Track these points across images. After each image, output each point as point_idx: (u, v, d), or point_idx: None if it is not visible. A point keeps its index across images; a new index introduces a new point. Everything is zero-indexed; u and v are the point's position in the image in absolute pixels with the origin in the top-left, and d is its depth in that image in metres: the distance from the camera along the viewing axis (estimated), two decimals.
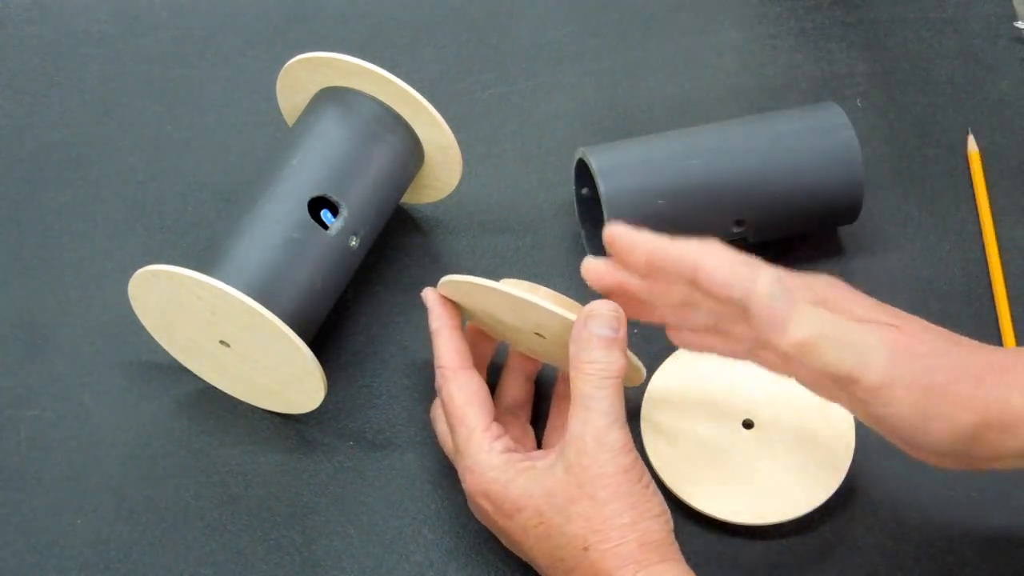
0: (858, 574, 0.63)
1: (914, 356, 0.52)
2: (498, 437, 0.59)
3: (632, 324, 0.59)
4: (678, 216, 0.68)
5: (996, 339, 0.70)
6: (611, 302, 0.58)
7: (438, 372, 0.62)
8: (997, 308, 0.71)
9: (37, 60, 0.85)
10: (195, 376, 0.69)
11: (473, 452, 0.59)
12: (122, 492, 0.66)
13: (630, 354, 0.60)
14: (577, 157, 0.73)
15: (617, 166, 0.69)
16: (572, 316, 0.59)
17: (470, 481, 0.59)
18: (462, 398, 0.60)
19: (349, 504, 0.66)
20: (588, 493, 0.55)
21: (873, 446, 0.67)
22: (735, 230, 0.70)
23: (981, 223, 0.75)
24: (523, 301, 0.59)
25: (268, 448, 0.68)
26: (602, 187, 0.68)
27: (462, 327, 0.64)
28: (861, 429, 0.64)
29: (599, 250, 0.73)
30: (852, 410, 0.55)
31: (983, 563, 0.63)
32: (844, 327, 0.53)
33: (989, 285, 0.73)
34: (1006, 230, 0.75)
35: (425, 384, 0.70)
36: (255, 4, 0.88)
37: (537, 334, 0.62)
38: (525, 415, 0.67)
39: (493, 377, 0.68)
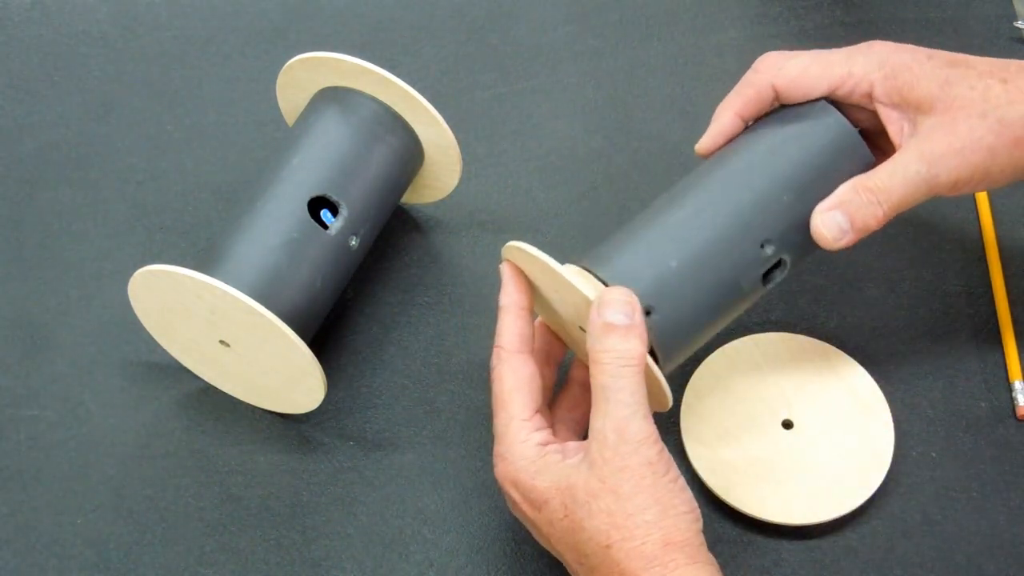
0: None
1: (955, 148, 0.58)
2: (537, 429, 0.58)
3: None
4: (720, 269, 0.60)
5: (996, 339, 0.70)
6: (624, 288, 0.56)
7: (495, 351, 0.60)
8: (997, 308, 0.71)
9: (37, 60, 0.85)
10: (195, 376, 0.69)
11: (509, 440, 0.57)
12: (122, 492, 0.66)
13: (661, 378, 0.57)
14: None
15: (626, 271, 0.59)
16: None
17: (501, 468, 0.58)
18: (511, 382, 0.58)
19: (349, 504, 0.66)
20: (610, 487, 0.54)
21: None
22: (766, 252, 0.61)
23: (981, 223, 0.75)
24: (561, 279, 0.56)
25: (268, 448, 0.68)
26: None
27: (532, 314, 0.61)
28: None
29: None
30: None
31: (995, 568, 0.63)
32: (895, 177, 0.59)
33: (989, 285, 0.73)
34: (1006, 230, 0.75)
35: (425, 384, 0.70)
36: (255, 4, 0.88)
37: (581, 328, 0.59)
38: (582, 428, 0.63)
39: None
